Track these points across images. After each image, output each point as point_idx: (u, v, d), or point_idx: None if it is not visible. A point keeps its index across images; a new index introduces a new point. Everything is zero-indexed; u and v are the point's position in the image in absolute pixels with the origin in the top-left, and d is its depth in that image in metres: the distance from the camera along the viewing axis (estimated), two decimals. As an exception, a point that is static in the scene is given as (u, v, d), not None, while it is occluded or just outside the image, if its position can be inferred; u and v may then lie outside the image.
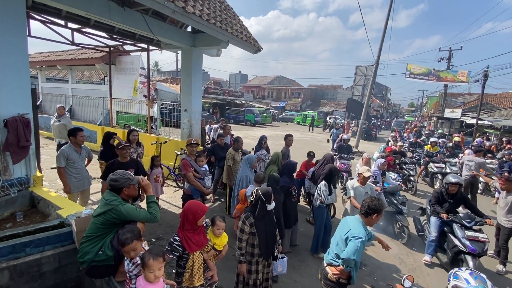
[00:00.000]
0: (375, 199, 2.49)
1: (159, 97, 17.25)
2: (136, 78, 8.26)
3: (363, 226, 2.45)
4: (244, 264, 2.69)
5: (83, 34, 6.52)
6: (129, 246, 1.95)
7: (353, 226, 2.42)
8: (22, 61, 3.40)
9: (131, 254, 1.98)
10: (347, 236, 2.37)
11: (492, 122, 14.97)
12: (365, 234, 2.36)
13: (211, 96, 28.35)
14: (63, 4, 3.94)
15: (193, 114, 6.69)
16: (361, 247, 2.27)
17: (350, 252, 2.26)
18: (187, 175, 3.98)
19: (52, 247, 2.61)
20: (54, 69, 13.20)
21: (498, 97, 24.24)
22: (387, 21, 12.50)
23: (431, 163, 8.50)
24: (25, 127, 3.30)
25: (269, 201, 2.70)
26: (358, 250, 2.26)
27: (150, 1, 3.55)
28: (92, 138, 9.39)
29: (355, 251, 2.24)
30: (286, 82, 52.03)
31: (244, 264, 2.69)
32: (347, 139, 8.49)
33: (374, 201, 2.46)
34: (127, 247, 1.95)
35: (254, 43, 6.18)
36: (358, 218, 2.52)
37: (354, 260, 2.24)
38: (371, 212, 2.42)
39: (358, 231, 2.34)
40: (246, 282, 2.75)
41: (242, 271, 2.69)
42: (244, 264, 2.69)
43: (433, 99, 35.27)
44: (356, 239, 2.29)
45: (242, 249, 2.67)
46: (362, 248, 2.29)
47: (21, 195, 3.43)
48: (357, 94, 32.82)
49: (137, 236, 2.02)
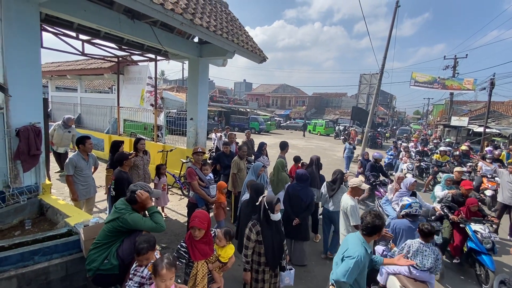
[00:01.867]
0: (373, 214, 2.25)
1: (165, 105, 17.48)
2: (143, 87, 8.41)
3: (362, 244, 2.21)
4: (248, 273, 2.67)
5: (93, 45, 6.71)
6: (144, 256, 2.02)
7: (351, 244, 2.23)
8: (35, 72, 3.50)
9: (144, 262, 2.04)
10: (343, 255, 2.21)
11: (500, 130, 14.75)
12: (362, 254, 2.12)
13: (216, 105, 28.63)
14: (76, 17, 4.08)
15: (199, 122, 6.76)
16: (354, 268, 2.05)
17: (340, 273, 2.07)
18: (192, 184, 4.00)
19: (59, 256, 2.63)
20: (63, 78, 13.56)
21: (505, 105, 23.96)
22: (391, 30, 12.58)
23: (440, 173, 8.22)
24: (36, 136, 3.37)
25: (272, 211, 2.63)
26: (350, 272, 2.04)
27: (160, 14, 3.65)
28: (99, 146, 9.51)
29: (345, 272, 2.05)
30: (291, 90, 52.32)
31: (248, 273, 2.67)
32: (379, 158, 7.21)
33: (372, 217, 2.22)
34: (141, 257, 2.02)
35: (259, 53, 6.27)
36: (358, 236, 2.29)
37: (345, 282, 2.05)
38: (370, 231, 2.21)
39: (354, 251, 2.14)
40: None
41: (247, 279, 2.67)
42: (249, 272, 2.67)
43: (439, 107, 35.00)
44: (350, 259, 2.10)
45: (248, 257, 2.65)
46: (355, 269, 2.06)
47: (30, 203, 3.48)
48: (362, 102, 32.81)
49: (153, 246, 2.08)
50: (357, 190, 3.48)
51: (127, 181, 3.52)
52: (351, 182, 3.52)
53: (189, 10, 4.12)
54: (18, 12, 3.23)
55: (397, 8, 12.41)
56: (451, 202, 4.52)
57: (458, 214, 4.35)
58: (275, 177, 4.86)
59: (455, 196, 4.57)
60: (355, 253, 2.10)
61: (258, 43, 6.59)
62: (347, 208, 3.38)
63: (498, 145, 13.72)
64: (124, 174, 3.75)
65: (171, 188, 6.89)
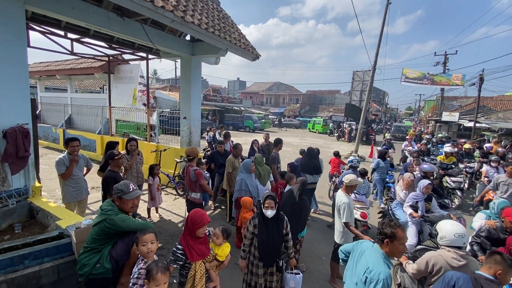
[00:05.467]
0: (387, 221, 1.97)
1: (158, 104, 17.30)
2: (135, 86, 8.30)
3: (385, 260, 1.87)
4: (244, 261, 2.77)
5: (82, 44, 6.57)
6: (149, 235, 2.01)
7: (372, 262, 1.86)
8: (22, 72, 3.41)
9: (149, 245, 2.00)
10: (365, 277, 1.84)
11: (489, 124, 15.06)
12: (387, 274, 1.78)
13: (210, 103, 28.49)
14: (63, 15, 3.98)
15: (192, 121, 6.70)
16: None
17: None
18: (203, 185, 4.06)
19: (51, 259, 2.57)
20: (53, 78, 13.26)
21: (494, 99, 24.47)
22: (382, 27, 12.68)
23: (446, 176, 6.96)
24: (24, 137, 3.29)
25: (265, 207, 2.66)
26: None
27: (150, 11, 3.59)
28: (91, 147, 9.36)
29: None
30: (284, 88, 52.37)
31: (244, 261, 2.77)
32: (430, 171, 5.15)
33: (385, 223, 1.94)
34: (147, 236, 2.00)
35: (252, 51, 6.24)
36: (378, 249, 1.94)
37: None
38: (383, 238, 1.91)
39: (379, 271, 1.78)
40: (249, 284, 2.77)
41: (241, 266, 2.78)
42: (244, 260, 2.77)
43: (430, 102, 35.54)
44: (378, 283, 1.74)
45: (245, 246, 2.76)
46: None
47: (19, 206, 3.39)
48: (355, 99, 32.99)
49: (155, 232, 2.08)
50: (352, 187, 3.50)
51: (115, 180, 3.43)
52: (345, 179, 3.53)
53: (180, 8, 4.06)
54: (2, 9, 3.14)
55: (388, 5, 12.51)
56: (485, 239, 3.25)
57: None
58: (257, 170, 4.83)
59: (493, 230, 3.25)
60: (381, 275, 1.77)
61: (252, 41, 6.56)
62: (340, 205, 3.39)
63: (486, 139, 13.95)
64: (112, 173, 3.69)
65: (165, 188, 6.83)
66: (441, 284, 2.03)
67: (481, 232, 3.31)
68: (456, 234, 2.47)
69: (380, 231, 1.94)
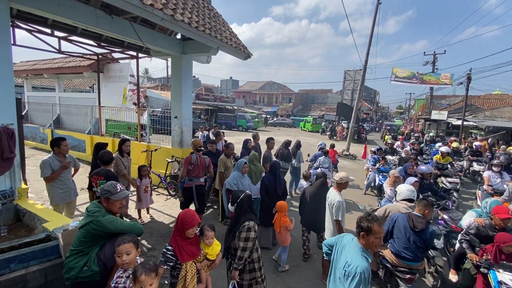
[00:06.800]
0: (366, 215, 2.02)
1: (150, 104, 17.10)
2: (125, 85, 8.18)
3: (362, 253, 1.94)
4: None
5: (70, 42, 6.44)
6: (124, 246, 1.90)
7: (351, 256, 1.92)
8: (6, 70, 3.32)
9: (123, 257, 1.90)
10: (345, 270, 1.89)
11: (476, 123, 15.43)
12: (365, 267, 1.82)
13: (202, 102, 28.27)
14: (49, 13, 3.88)
15: (183, 121, 6.65)
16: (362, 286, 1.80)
17: None
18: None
19: (38, 262, 2.52)
20: (40, 77, 12.93)
21: (481, 98, 25.06)
22: (373, 27, 12.83)
23: (442, 177, 6.85)
24: (9, 138, 3.20)
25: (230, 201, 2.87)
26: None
27: (139, 9, 3.54)
28: (81, 147, 9.19)
29: None
30: (277, 87, 52.50)
31: None
32: (427, 172, 5.19)
33: (363, 217, 2.00)
34: (121, 247, 1.90)
35: (243, 50, 6.23)
36: (356, 243, 2.01)
37: None
38: (359, 231, 1.99)
39: (357, 265, 1.83)
40: None
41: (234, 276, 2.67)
42: None
43: (420, 101, 36.16)
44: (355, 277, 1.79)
45: None
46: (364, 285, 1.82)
47: (5, 209, 3.31)
48: (347, 98, 33.32)
49: (135, 241, 2.00)
50: (344, 185, 3.54)
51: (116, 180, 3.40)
52: (336, 176, 3.57)
53: (169, 6, 4.02)
54: (-16, 6, 3.04)
55: (378, 5, 12.67)
56: (474, 236, 3.24)
57: (482, 254, 3.06)
58: (250, 169, 4.84)
59: (482, 228, 3.24)
60: (359, 268, 1.81)
61: (245, 40, 6.54)
62: (334, 203, 3.42)
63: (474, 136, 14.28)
64: (111, 173, 3.69)
65: (157, 188, 6.76)
66: (388, 222, 3.16)
67: (470, 230, 3.33)
68: (408, 189, 3.55)
69: (357, 224, 2.03)
